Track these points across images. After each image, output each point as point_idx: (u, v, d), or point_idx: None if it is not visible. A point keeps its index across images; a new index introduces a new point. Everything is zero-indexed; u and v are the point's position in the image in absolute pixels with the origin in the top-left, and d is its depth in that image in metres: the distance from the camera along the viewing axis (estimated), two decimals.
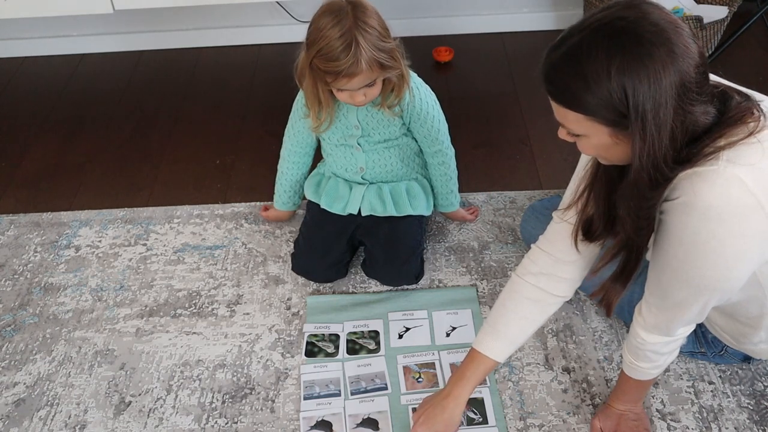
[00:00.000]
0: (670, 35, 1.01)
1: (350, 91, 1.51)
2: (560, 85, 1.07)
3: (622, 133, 1.07)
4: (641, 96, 1.01)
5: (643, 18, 1.02)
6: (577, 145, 1.16)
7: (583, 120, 1.08)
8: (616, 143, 1.09)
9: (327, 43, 1.43)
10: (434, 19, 2.70)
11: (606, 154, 1.14)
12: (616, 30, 1.02)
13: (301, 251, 1.78)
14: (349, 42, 1.42)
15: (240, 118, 2.41)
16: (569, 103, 1.08)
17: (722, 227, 1.07)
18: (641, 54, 1.00)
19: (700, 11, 2.38)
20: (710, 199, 1.05)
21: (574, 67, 1.04)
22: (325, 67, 1.46)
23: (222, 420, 1.53)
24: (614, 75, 1.01)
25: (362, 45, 1.43)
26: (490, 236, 1.90)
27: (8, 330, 1.74)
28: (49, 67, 2.72)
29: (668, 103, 1.02)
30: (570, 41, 1.05)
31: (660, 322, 1.23)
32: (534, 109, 2.33)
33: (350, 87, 1.49)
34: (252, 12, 2.68)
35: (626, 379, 1.37)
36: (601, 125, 1.07)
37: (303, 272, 1.79)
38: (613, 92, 1.02)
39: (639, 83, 1.01)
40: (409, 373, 1.59)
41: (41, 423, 1.55)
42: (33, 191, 2.17)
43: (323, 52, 1.44)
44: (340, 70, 1.44)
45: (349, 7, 1.45)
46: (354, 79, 1.47)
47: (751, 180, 1.05)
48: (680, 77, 1.02)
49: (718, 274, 1.12)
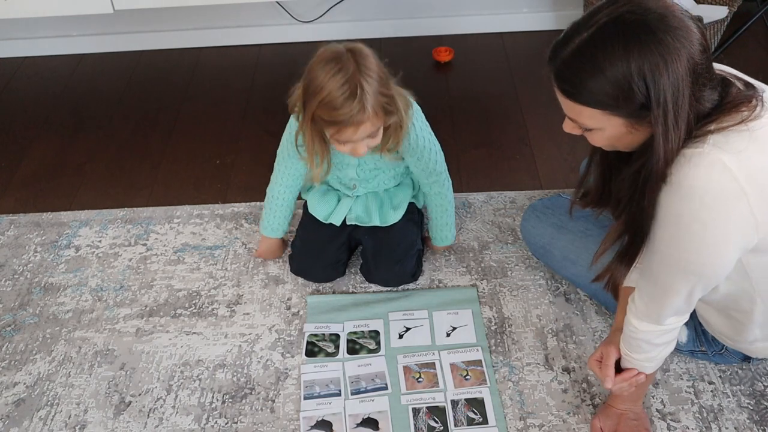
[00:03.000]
0: (676, 23, 1.03)
1: (353, 143, 1.46)
2: (576, 82, 1.07)
3: (638, 122, 1.08)
4: (662, 86, 1.03)
5: (648, 10, 1.03)
6: (586, 137, 1.17)
7: (599, 114, 1.09)
8: (630, 133, 1.11)
9: (330, 92, 1.36)
10: (434, 19, 2.70)
11: (617, 143, 1.16)
12: (629, 23, 1.02)
13: (297, 252, 1.78)
14: (353, 89, 1.36)
15: (240, 118, 2.41)
16: (585, 99, 1.08)
17: (704, 210, 1.08)
18: (657, 44, 1.02)
19: (700, 11, 2.38)
20: (693, 180, 1.07)
21: (590, 63, 1.04)
22: (329, 117, 1.39)
23: (222, 420, 1.53)
24: (634, 68, 1.02)
25: (367, 91, 1.37)
26: (490, 236, 1.90)
27: (8, 330, 1.74)
28: (49, 67, 2.72)
29: (685, 90, 1.04)
30: (578, 38, 1.05)
31: (650, 309, 1.24)
32: (534, 109, 2.33)
33: (356, 138, 1.43)
34: (252, 12, 2.68)
35: None
36: (617, 117, 1.08)
37: (300, 273, 1.79)
38: (635, 85, 1.03)
39: (659, 74, 1.02)
40: (410, 373, 1.59)
41: (41, 423, 1.55)
42: (33, 191, 2.17)
43: (326, 101, 1.37)
44: (347, 119, 1.38)
45: (349, 54, 1.39)
46: (360, 128, 1.41)
47: (736, 166, 1.06)
48: (692, 63, 1.04)
49: (702, 258, 1.13)
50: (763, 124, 1.10)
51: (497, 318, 1.70)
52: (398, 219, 1.73)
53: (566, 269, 1.66)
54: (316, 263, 1.76)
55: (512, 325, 1.68)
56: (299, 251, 1.78)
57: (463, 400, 1.53)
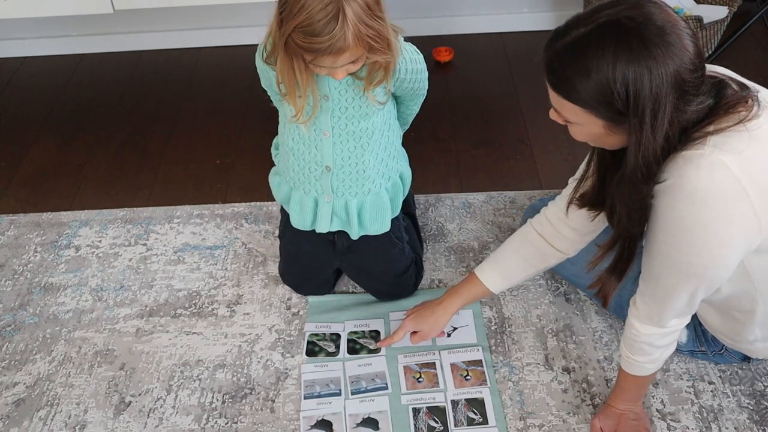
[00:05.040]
0: (672, 39, 1.03)
1: (330, 69, 1.30)
2: (561, 75, 1.08)
3: (615, 126, 1.09)
4: (643, 97, 1.03)
5: (648, 20, 1.03)
6: (568, 129, 1.18)
7: (580, 111, 1.10)
8: (608, 134, 1.12)
9: (308, 14, 1.20)
10: (434, 19, 2.69)
11: (598, 141, 1.17)
12: (625, 30, 1.02)
13: (285, 273, 1.78)
14: (335, 13, 1.19)
15: (240, 118, 2.41)
16: (568, 94, 1.09)
17: (707, 212, 1.08)
18: (647, 57, 1.02)
19: (700, 11, 2.38)
20: (695, 181, 1.07)
21: (579, 61, 1.05)
22: (305, 43, 1.22)
23: (222, 420, 1.53)
24: (618, 74, 1.02)
25: (349, 17, 1.20)
26: (490, 236, 1.90)
27: (8, 330, 1.74)
28: (49, 67, 2.72)
29: (667, 105, 1.04)
30: (576, 32, 1.05)
31: (652, 311, 1.24)
32: (534, 109, 2.33)
33: (335, 65, 1.27)
34: (252, 12, 2.68)
35: (625, 376, 1.38)
36: (596, 118, 1.09)
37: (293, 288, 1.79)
38: (616, 91, 1.03)
39: (641, 85, 1.02)
40: (410, 373, 1.59)
41: (41, 423, 1.55)
42: (33, 191, 2.17)
43: (303, 26, 1.21)
44: (324, 48, 1.22)
45: None
46: (340, 57, 1.25)
47: (737, 167, 1.07)
48: (679, 80, 1.03)
49: (704, 260, 1.13)
50: (761, 124, 1.10)
51: (497, 318, 1.70)
52: (382, 230, 1.60)
53: (566, 269, 1.66)
54: (306, 286, 1.76)
55: (512, 325, 1.68)
56: (286, 274, 1.77)
57: (463, 400, 1.53)
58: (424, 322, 1.58)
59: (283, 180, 1.61)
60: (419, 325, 1.58)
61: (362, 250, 1.64)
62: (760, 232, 1.11)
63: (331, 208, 1.55)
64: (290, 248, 1.72)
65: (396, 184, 1.60)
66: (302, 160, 1.52)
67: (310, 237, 1.62)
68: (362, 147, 1.49)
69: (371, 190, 1.54)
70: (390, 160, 1.55)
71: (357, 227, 1.57)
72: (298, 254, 1.70)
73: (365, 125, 1.46)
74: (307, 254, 1.68)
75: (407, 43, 1.45)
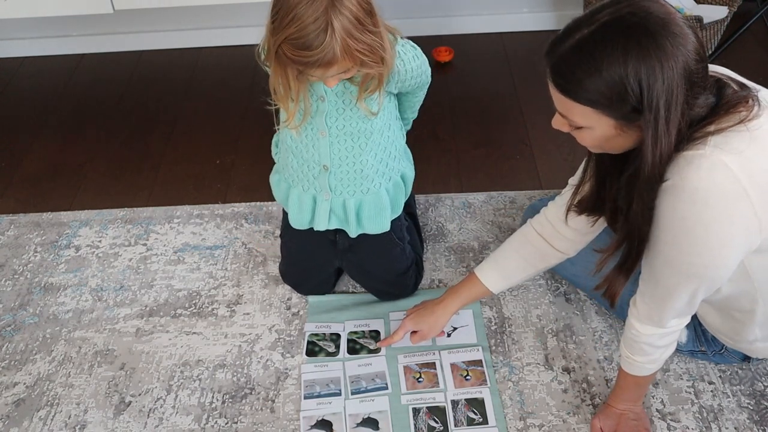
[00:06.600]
0: (676, 30, 1.03)
1: (321, 78, 1.31)
2: (570, 77, 1.07)
3: (628, 125, 1.08)
4: (656, 91, 1.03)
5: (650, 14, 1.03)
6: (575, 136, 1.17)
7: (591, 113, 1.09)
8: (618, 135, 1.11)
9: (298, 27, 1.20)
10: (434, 19, 2.69)
11: (605, 144, 1.16)
12: (630, 25, 1.02)
13: (285, 273, 1.78)
14: (324, 27, 1.20)
15: (240, 118, 2.41)
16: (580, 97, 1.08)
17: (707, 212, 1.08)
18: (656, 49, 1.02)
19: (700, 11, 2.38)
20: (696, 182, 1.07)
21: (588, 61, 1.04)
22: (294, 55, 1.24)
23: (222, 420, 1.53)
24: (631, 70, 1.02)
25: (337, 30, 1.20)
26: (490, 236, 1.90)
27: (8, 330, 1.74)
28: (49, 67, 2.72)
29: (679, 97, 1.04)
30: (579, 34, 1.05)
31: (652, 312, 1.24)
32: (534, 109, 2.33)
33: (325, 76, 1.29)
34: (252, 12, 2.67)
35: (624, 376, 1.37)
36: (608, 118, 1.08)
37: (293, 287, 1.79)
38: (629, 86, 1.03)
39: (654, 79, 1.02)
40: (410, 373, 1.59)
41: (41, 423, 1.55)
42: (33, 191, 2.17)
43: (293, 38, 1.22)
44: (314, 61, 1.23)
45: None
46: (329, 69, 1.26)
47: (738, 167, 1.07)
48: (688, 71, 1.04)
49: (705, 261, 1.13)
50: (761, 124, 1.10)
51: (497, 318, 1.70)
52: (381, 229, 1.59)
53: (566, 269, 1.66)
54: (306, 286, 1.76)
55: (512, 325, 1.68)
56: (287, 274, 1.77)
57: (463, 400, 1.53)
58: (423, 322, 1.58)
59: (282, 177, 1.62)
60: (419, 324, 1.58)
61: (363, 250, 1.64)
62: (760, 232, 1.11)
63: (329, 206, 1.55)
64: (291, 247, 1.72)
65: (397, 184, 1.60)
66: (300, 159, 1.53)
67: (311, 236, 1.62)
68: (360, 147, 1.49)
69: (370, 189, 1.54)
70: (390, 160, 1.55)
71: (355, 226, 1.57)
72: (299, 253, 1.70)
73: (363, 126, 1.47)
74: (308, 253, 1.68)
75: (403, 40, 1.45)
